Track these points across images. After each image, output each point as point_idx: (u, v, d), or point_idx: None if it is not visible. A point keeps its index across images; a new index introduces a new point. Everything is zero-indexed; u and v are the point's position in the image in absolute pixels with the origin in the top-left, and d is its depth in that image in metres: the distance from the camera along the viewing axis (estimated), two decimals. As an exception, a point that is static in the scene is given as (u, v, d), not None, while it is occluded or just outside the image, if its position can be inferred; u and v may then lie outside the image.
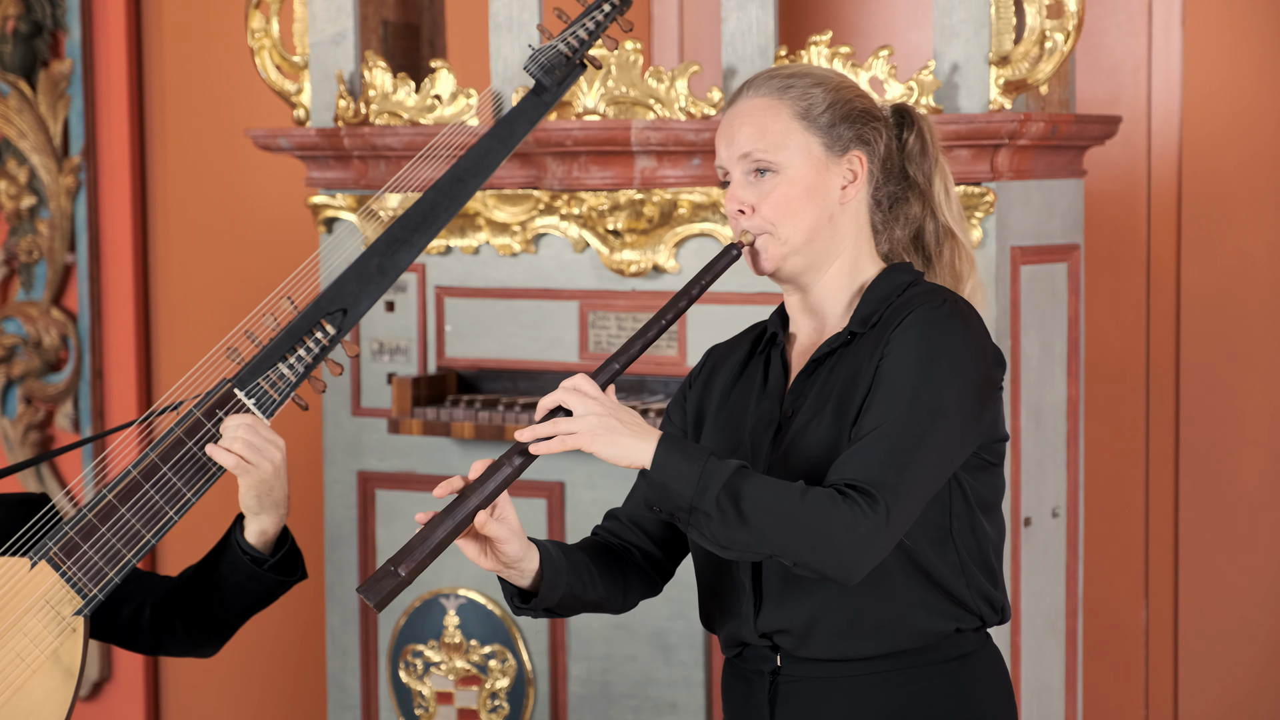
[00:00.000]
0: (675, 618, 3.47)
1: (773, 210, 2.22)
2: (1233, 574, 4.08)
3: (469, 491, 2.11)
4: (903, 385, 2.12)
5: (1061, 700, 3.52)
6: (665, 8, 4.47)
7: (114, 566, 2.29)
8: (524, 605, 2.24)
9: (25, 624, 2.29)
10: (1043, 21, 3.21)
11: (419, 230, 2.38)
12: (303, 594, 4.55)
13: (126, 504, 2.29)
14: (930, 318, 2.16)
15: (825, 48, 3.29)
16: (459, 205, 2.40)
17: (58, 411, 4.87)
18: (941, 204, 2.32)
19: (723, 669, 2.35)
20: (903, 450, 2.09)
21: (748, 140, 2.23)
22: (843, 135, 2.25)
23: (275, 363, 2.33)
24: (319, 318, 2.34)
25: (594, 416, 2.08)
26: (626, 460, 2.08)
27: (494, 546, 2.16)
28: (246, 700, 4.80)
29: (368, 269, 2.36)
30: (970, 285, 2.33)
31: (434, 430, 3.56)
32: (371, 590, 2.08)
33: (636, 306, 3.49)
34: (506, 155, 2.43)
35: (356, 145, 3.63)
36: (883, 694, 2.19)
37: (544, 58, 2.41)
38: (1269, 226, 4.03)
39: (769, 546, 2.06)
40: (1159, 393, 4.11)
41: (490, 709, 3.65)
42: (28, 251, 4.85)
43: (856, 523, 2.04)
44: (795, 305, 2.31)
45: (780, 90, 2.25)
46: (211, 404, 2.31)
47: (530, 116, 2.44)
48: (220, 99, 4.72)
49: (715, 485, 2.05)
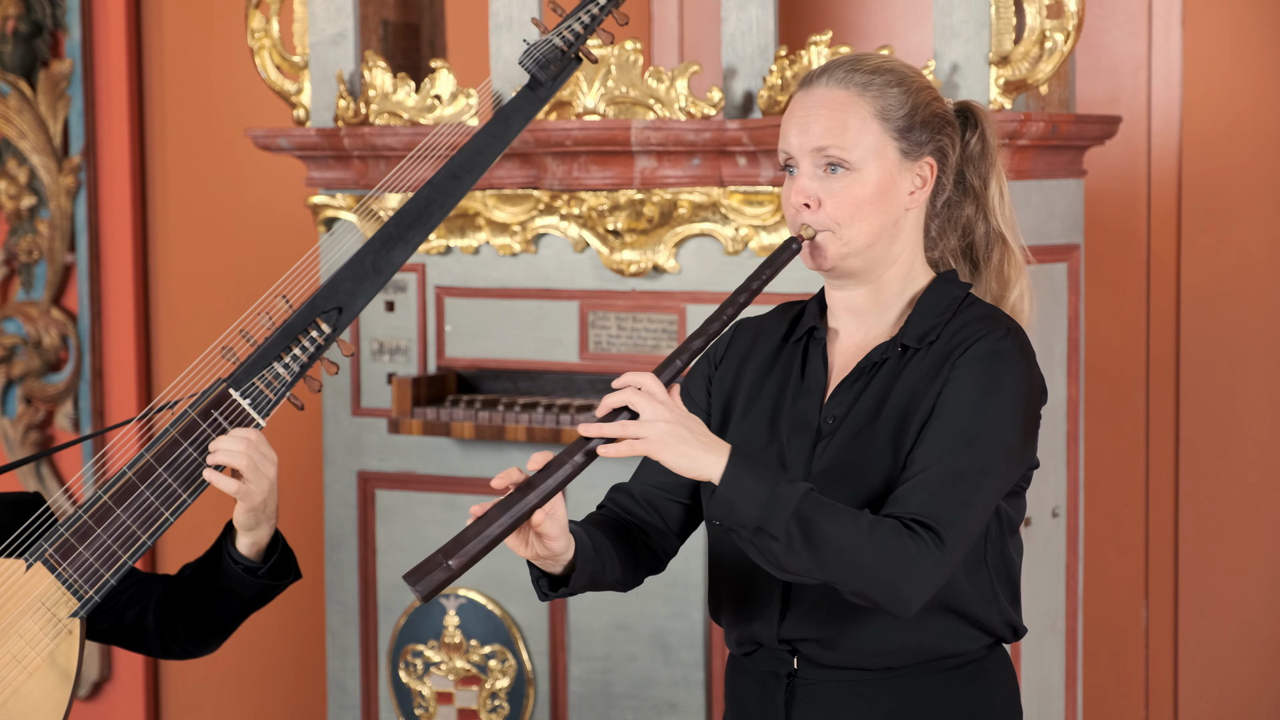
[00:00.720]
0: (675, 618, 3.47)
1: (840, 210, 2.17)
2: (1233, 574, 4.08)
3: (528, 487, 2.07)
4: (967, 420, 2.10)
5: (1061, 700, 3.52)
6: (665, 8, 4.47)
7: (110, 568, 2.27)
8: (550, 592, 2.21)
9: (21, 626, 2.27)
10: (1043, 21, 3.21)
11: (414, 228, 2.36)
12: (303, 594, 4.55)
13: (122, 505, 2.27)
14: (995, 350, 2.13)
15: (825, 48, 3.29)
16: (454, 202, 2.37)
17: (58, 411, 4.87)
18: (995, 208, 2.29)
19: (728, 665, 2.34)
20: (967, 487, 2.08)
21: (825, 134, 2.17)
22: (919, 140, 2.20)
23: (270, 362, 2.30)
24: (314, 316, 2.31)
25: (664, 423, 2.03)
26: (693, 472, 2.03)
27: (542, 541, 2.12)
28: (246, 700, 4.80)
29: (362, 267, 2.34)
30: (1018, 291, 2.29)
31: (434, 430, 3.56)
32: (420, 580, 2.03)
33: (636, 306, 3.49)
34: (502, 151, 2.40)
35: (356, 145, 3.63)
36: (899, 699, 2.19)
37: (539, 52, 2.39)
38: (1269, 226, 4.02)
39: (830, 575, 2.04)
40: (1159, 393, 4.11)
41: (490, 709, 3.65)
42: (28, 251, 4.85)
43: (922, 560, 2.03)
44: (839, 301, 2.26)
45: (862, 85, 2.18)
46: (207, 404, 2.29)
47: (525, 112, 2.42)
48: (220, 99, 4.72)
49: (785, 510, 2.01)
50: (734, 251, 3.41)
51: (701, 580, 3.45)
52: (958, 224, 2.30)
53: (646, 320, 3.49)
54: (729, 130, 3.34)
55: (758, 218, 3.38)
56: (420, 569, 2.04)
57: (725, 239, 3.41)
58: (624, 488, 2.33)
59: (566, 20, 2.38)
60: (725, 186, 3.41)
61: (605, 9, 2.39)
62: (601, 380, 3.57)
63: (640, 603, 3.50)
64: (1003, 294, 2.30)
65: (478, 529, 2.06)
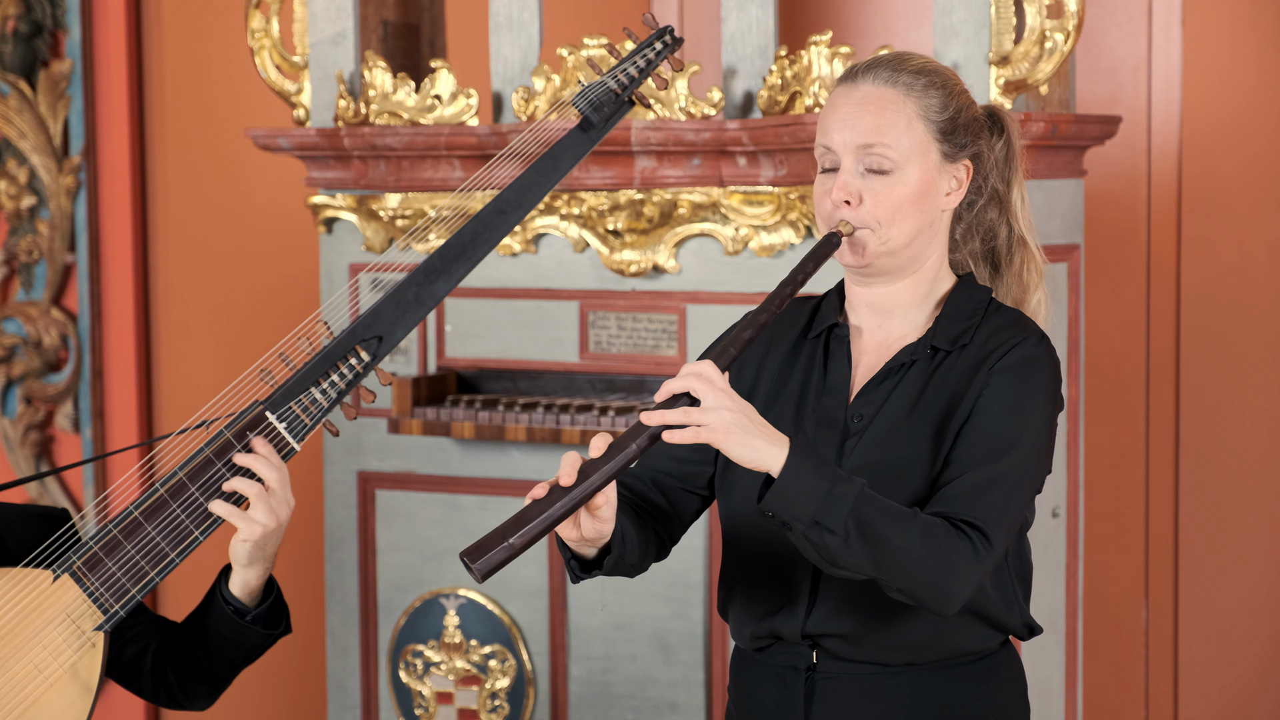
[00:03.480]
0: (675, 618, 3.47)
1: (882, 209, 2.17)
2: (1233, 574, 4.08)
3: (590, 469, 2.07)
4: (1008, 424, 2.13)
5: (1061, 700, 3.52)
6: (665, 8, 4.47)
7: (137, 584, 2.26)
8: (584, 574, 2.21)
9: (45, 637, 2.27)
10: (1043, 21, 3.21)
11: (458, 261, 2.36)
12: (303, 594, 4.55)
13: (152, 522, 2.26)
14: (1032, 356, 2.16)
15: (825, 48, 3.29)
16: (499, 237, 2.38)
17: (58, 411, 4.87)
18: (1018, 212, 2.30)
19: (734, 660, 2.34)
20: (1010, 489, 2.12)
21: (872, 132, 2.17)
22: (960, 143, 2.21)
23: (308, 387, 2.30)
24: (354, 344, 2.31)
25: (727, 412, 2.03)
26: (754, 462, 2.04)
27: (595, 524, 2.12)
28: (246, 700, 4.80)
29: (405, 297, 2.34)
30: (1038, 297, 2.32)
31: (434, 430, 3.56)
32: (480, 559, 2.03)
33: (636, 306, 3.49)
34: (550, 189, 2.42)
35: (356, 145, 3.63)
36: (919, 693, 2.21)
37: (593, 94, 2.40)
38: (1269, 226, 4.02)
39: (881, 572, 2.06)
40: (1159, 393, 4.11)
41: (490, 709, 3.65)
42: (28, 251, 4.85)
43: (970, 561, 2.07)
44: (862, 298, 2.26)
45: (907, 85, 2.19)
46: (243, 425, 2.28)
47: (575, 152, 2.43)
48: (220, 99, 4.72)
49: (844, 506, 2.02)
50: (734, 251, 3.41)
51: (701, 580, 3.45)
52: (980, 227, 2.31)
53: (646, 320, 3.49)
54: (729, 130, 3.34)
55: (758, 218, 3.38)
56: (478, 547, 2.04)
57: (725, 239, 3.41)
58: (634, 472, 2.33)
59: (622, 63, 2.39)
60: (725, 186, 3.41)
61: (661, 55, 2.40)
62: (601, 380, 3.57)
63: (640, 603, 3.50)
64: (1023, 297, 2.32)
65: (539, 509, 2.06)
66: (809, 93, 3.27)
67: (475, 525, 3.63)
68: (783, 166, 3.33)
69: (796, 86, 3.29)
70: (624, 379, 3.54)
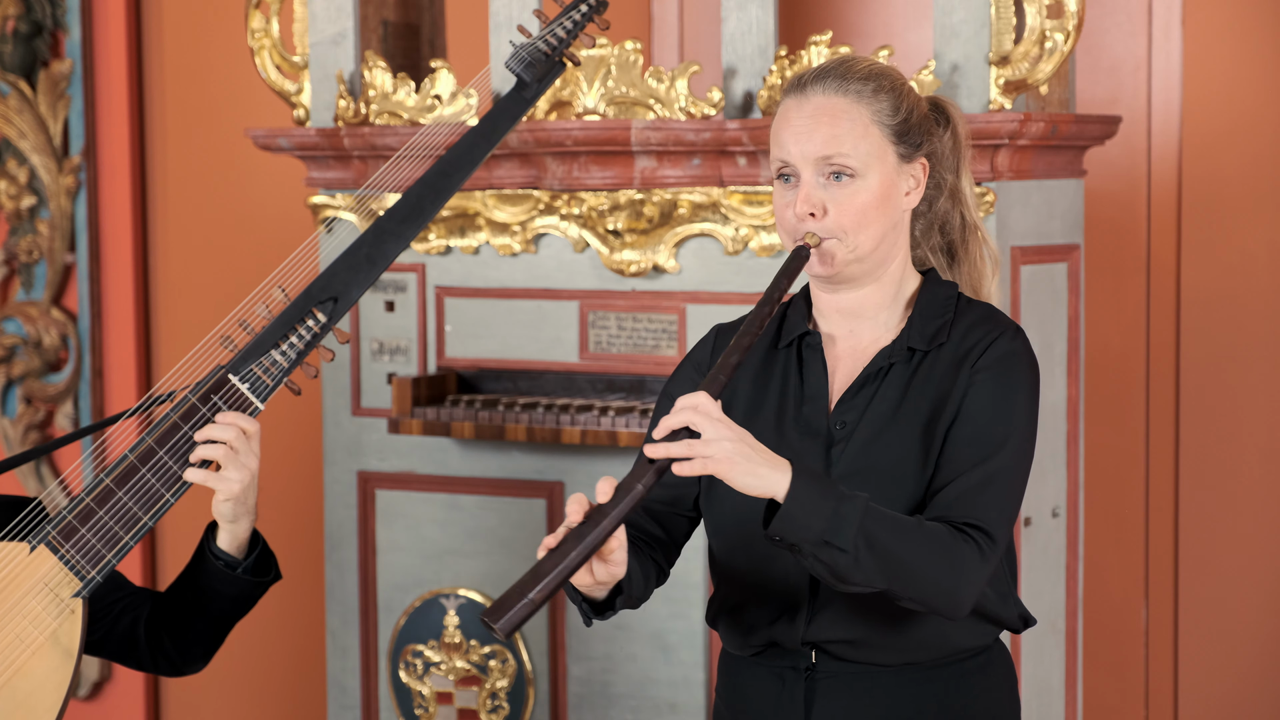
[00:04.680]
0: (675, 618, 3.48)
1: (847, 217, 2.18)
2: (1233, 574, 4.08)
3: (599, 515, 2.07)
4: (997, 422, 2.15)
5: (1061, 700, 3.52)
6: (665, 8, 4.47)
7: (112, 549, 2.33)
8: (596, 617, 2.21)
9: (25, 606, 2.32)
10: (1043, 21, 3.21)
11: (406, 222, 2.46)
12: (303, 594, 4.55)
13: (123, 488, 2.33)
14: (1011, 351, 2.18)
15: (825, 48, 3.29)
16: (445, 198, 2.47)
17: (58, 411, 4.87)
18: (968, 199, 2.32)
19: (727, 662, 2.34)
20: (1005, 486, 2.14)
21: (828, 143, 2.18)
22: (914, 142, 2.22)
23: (268, 349, 2.39)
24: (310, 306, 2.41)
25: (728, 443, 2.03)
26: (759, 490, 2.05)
27: (607, 567, 2.12)
28: (246, 700, 4.80)
29: (357, 258, 2.43)
30: (995, 282, 2.34)
31: (434, 430, 3.56)
32: (502, 618, 2.03)
33: (636, 306, 3.49)
34: (490, 150, 2.50)
35: (356, 145, 3.63)
36: (918, 689, 2.22)
37: (524, 53, 2.46)
38: (1269, 226, 4.02)
39: (891, 584, 2.07)
40: (1159, 393, 4.11)
41: (490, 709, 3.65)
42: (28, 251, 4.85)
43: (977, 564, 2.09)
44: (831, 304, 2.27)
45: (857, 92, 2.20)
46: (206, 389, 2.37)
47: (512, 113, 2.50)
48: (220, 99, 4.72)
49: (851, 525, 2.03)
50: (734, 251, 3.41)
51: (701, 580, 3.45)
52: (936, 220, 2.33)
53: (646, 320, 3.49)
54: (729, 130, 3.34)
55: (758, 218, 3.38)
56: (499, 606, 2.04)
57: (725, 239, 3.41)
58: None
59: (551, 25, 2.44)
60: (725, 186, 3.41)
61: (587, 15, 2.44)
62: (601, 380, 3.57)
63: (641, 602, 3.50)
64: (980, 282, 2.34)
65: (555, 560, 2.06)
66: (809, 93, 3.26)
67: (475, 525, 3.64)
68: (783, 166, 3.33)
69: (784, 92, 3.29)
70: (624, 379, 3.55)
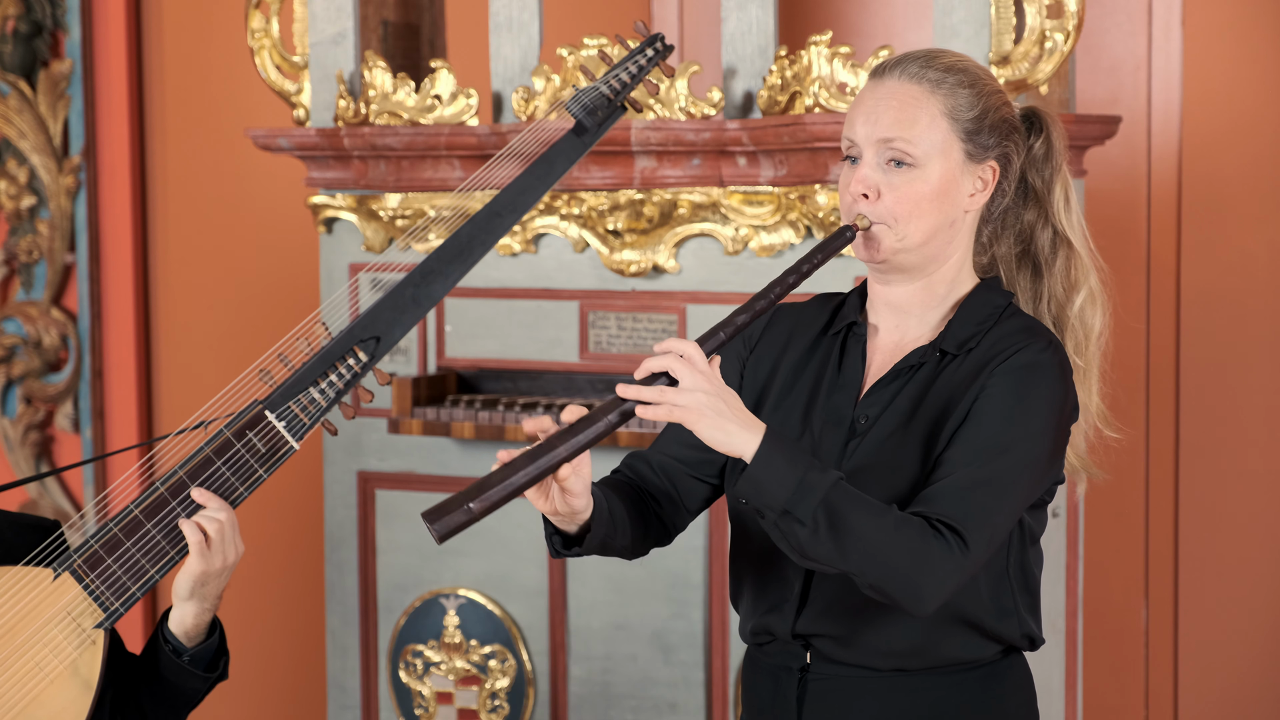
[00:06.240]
0: (675, 618, 3.47)
1: (899, 204, 2.15)
2: (1233, 574, 4.08)
3: (558, 440, 2.06)
4: (1001, 428, 2.09)
5: (1061, 700, 3.52)
6: (665, 8, 4.47)
7: (137, 581, 2.29)
8: (563, 550, 2.20)
9: (46, 635, 2.29)
10: (1043, 21, 3.21)
11: (453, 263, 2.39)
12: (303, 594, 4.55)
13: (152, 520, 2.29)
14: (1035, 362, 2.13)
15: (825, 48, 3.29)
16: (495, 240, 2.41)
17: (58, 411, 4.87)
18: (1060, 212, 2.27)
19: (745, 659, 2.33)
20: (995, 494, 2.07)
21: (894, 126, 2.15)
22: (985, 144, 2.19)
23: (307, 387, 2.32)
24: (352, 344, 2.34)
25: (702, 394, 2.01)
26: (727, 447, 2.02)
27: (564, 497, 2.11)
28: (246, 700, 4.80)
29: (402, 298, 2.37)
30: (1083, 295, 2.28)
31: (434, 430, 3.56)
32: (439, 521, 2.02)
33: (636, 306, 3.49)
34: (544, 193, 2.45)
35: (356, 145, 3.63)
36: (912, 697, 2.19)
37: (587, 99, 2.42)
38: (1269, 226, 4.03)
39: (851, 566, 2.03)
40: (1159, 393, 4.11)
41: (490, 709, 3.65)
42: (28, 251, 4.85)
43: (945, 561, 2.03)
44: (882, 296, 2.24)
45: (934, 82, 2.17)
46: (242, 424, 2.31)
47: (569, 156, 2.45)
48: (220, 99, 4.72)
49: (814, 497, 2.00)
50: (734, 251, 3.41)
51: (701, 580, 3.45)
52: (1014, 229, 2.29)
53: (646, 320, 3.49)
54: (729, 130, 3.34)
55: (758, 218, 3.38)
56: (440, 509, 2.03)
57: (725, 239, 3.41)
58: (642, 455, 2.32)
59: (614, 69, 2.41)
60: (725, 186, 3.41)
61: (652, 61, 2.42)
62: (601, 380, 3.57)
63: (640, 603, 3.50)
64: (1068, 299, 2.29)
65: (503, 475, 2.05)
66: (809, 93, 3.27)
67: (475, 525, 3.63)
68: (783, 166, 3.33)
69: (796, 86, 3.29)
70: (623, 368, 3.55)
